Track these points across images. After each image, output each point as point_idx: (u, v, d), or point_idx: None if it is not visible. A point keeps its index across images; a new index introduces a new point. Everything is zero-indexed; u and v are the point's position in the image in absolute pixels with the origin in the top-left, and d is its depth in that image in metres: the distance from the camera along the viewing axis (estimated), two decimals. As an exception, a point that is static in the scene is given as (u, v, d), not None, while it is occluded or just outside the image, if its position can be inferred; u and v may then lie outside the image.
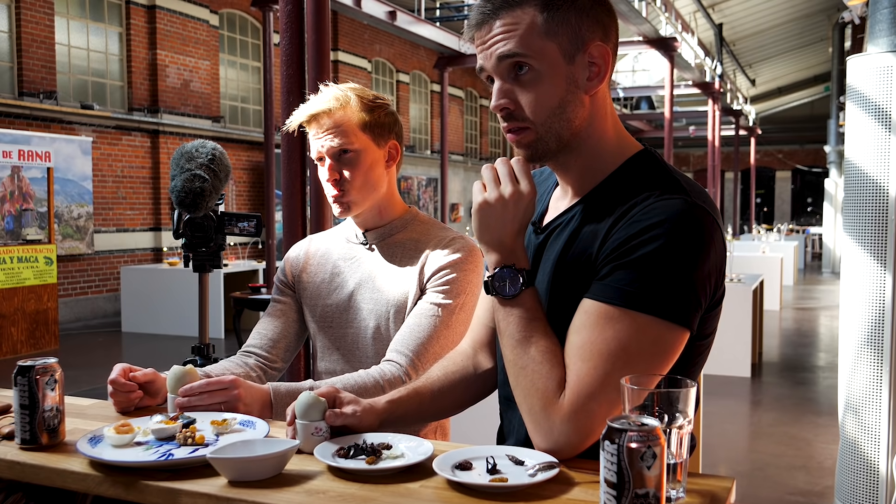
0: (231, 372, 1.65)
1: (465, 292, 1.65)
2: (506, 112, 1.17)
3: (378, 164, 1.70)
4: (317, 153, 1.70)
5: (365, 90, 1.71)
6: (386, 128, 1.71)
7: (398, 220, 1.76)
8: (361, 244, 1.78)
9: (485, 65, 1.17)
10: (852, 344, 3.07)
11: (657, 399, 0.96)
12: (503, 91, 1.16)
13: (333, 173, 1.67)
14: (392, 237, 1.75)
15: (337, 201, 1.69)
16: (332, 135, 1.65)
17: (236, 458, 1.08)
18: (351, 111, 1.66)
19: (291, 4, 3.36)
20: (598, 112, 1.19)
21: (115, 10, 10.89)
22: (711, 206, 1.13)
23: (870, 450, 2.99)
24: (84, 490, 1.13)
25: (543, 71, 1.14)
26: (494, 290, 1.16)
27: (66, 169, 9.49)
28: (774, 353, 7.81)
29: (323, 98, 1.67)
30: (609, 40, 1.17)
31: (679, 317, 1.07)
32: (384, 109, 1.71)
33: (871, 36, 3.11)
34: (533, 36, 1.13)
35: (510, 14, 1.13)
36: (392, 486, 1.04)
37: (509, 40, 1.13)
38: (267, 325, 1.80)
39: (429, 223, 1.77)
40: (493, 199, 1.15)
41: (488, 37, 1.15)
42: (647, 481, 0.83)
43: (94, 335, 9.15)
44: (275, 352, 1.77)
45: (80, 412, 1.44)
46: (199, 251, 2.34)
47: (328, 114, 1.65)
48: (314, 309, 1.79)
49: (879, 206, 2.95)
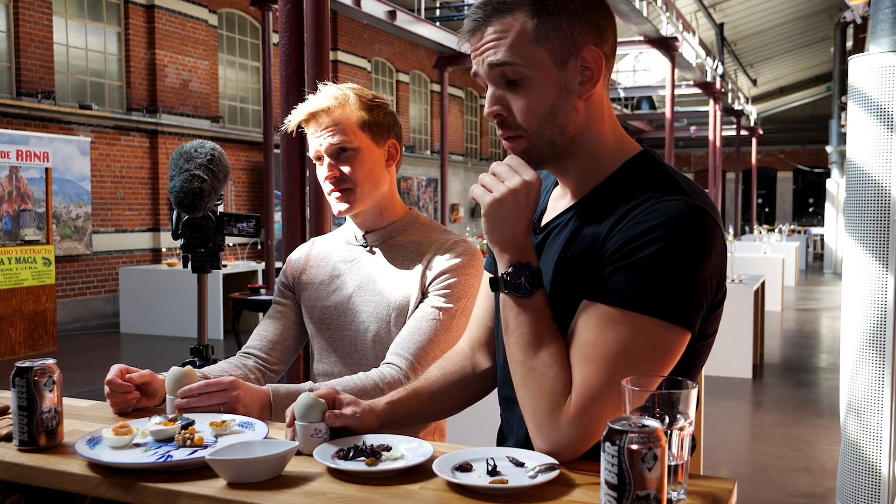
0: (229, 373, 1.65)
1: (466, 296, 1.65)
2: (499, 119, 1.18)
3: (378, 163, 1.70)
4: (315, 152, 1.69)
5: (364, 90, 1.71)
6: (385, 127, 1.70)
7: (399, 222, 1.75)
8: (362, 246, 1.77)
9: (478, 71, 1.18)
10: (854, 345, 3.06)
11: (658, 400, 0.96)
12: (495, 98, 1.17)
13: (333, 170, 1.66)
14: (393, 239, 1.74)
15: (336, 199, 1.68)
16: (331, 133, 1.65)
17: (235, 460, 1.08)
18: (350, 110, 1.66)
19: (291, 4, 3.35)
20: (595, 115, 1.19)
21: (114, 9, 10.88)
22: (712, 208, 1.13)
23: (872, 451, 2.99)
24: (82, 492, 1.13)
25: (534, 78, 1.14)
26: (509, 289, 1.13)
27: (65, 169, 9.48)
28: (776, 355, 7.80)
29: (322, 97, 1.66)
30: (604, 42, 1.16)
31: (680, 318, 1.06)
32: (383, 109, 1.71)
33: (873, 35, 3.11)
34: (523, 43, 1.13)
35: (500, 21, 1.13)
36: (392, 487, 1.04)
37: (499, 48, 1.13)
38: (267, 328, 1.80)
39: (429, 225, 1.77)
40: (503, 193, 1.12)
41: (480, 44, 1.16)
42: (648, 483, 0.83)
43: (92, 336, 9.15)
44: (274, 354, 1.77)
45: (79, 413, 1.44)
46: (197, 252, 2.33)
47: (327, 112, 1.65)
48: (312, 310, 1.79)
49: (881, 206, 2.94)
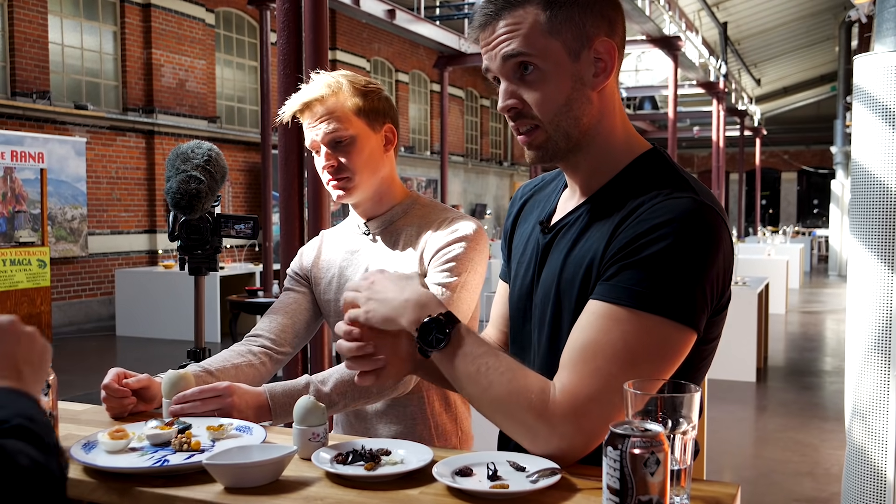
0: (232, 362, 1.61)
1: (468, 270, 1.62)
2: (514, 112, 1.17)
3: (376, 149, 1.68)
4: (312, 142, 1.67)
5: (357, 76, 1.69)
6: (380, 112, 1.69)
7: (398, 207, 1.73)
8: (364, 234, 1.76)
9: (490, 66, 1.17)
10: (859, 348, 3.04)
11: (661, 404, 0.94)
12: (509, 91, 1.16)
13: (331, 160, 1.65)
14: (393, 224, 1.73)
15: (334, 187, 1.67)
16: (327, 122, 1.63)
17: (233, 465, 1.07)
18: (344, 97, 1.64)
19: (289, 3, 3.34)
20: (607, 109, 1.18)
21: (110, 8, 10.85)
22: (718, 207, 1.12)
23: (877, 456, 2.96)
24: (77, 497, 1.12)
25: (548, 70, 1.13)
26: (429, 347, 1.11)
27: (60, 170, 9.41)
28: (780, 358, 7.79)
29: (314, 86, 1.65)
30: (615, 34, 1.16)
31: (687, 318, 1.05)
32: (377, 94, 1.69)
33: (878, 35, 3.09)
34: (536, 35, 1.12)
35: (512, 14, 1.13)
36: (391, 492, 1.03)
37: (513, 40, 1.13)
38: (277, 312, 1.77)
39: (430, 206, 1.74)
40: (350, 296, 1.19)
41: (492, 37, 1.15)
42: (651, 488, 0.82)
43: (87, 339, 9.12)
44: (283, 336, 1.73)
45: (74, 417, 1.43)
46: (194, 254, 2.33)
47: (321, 101, 1.63)
48: (327, 304, 1.77)
49: (887, 207, 2.92)
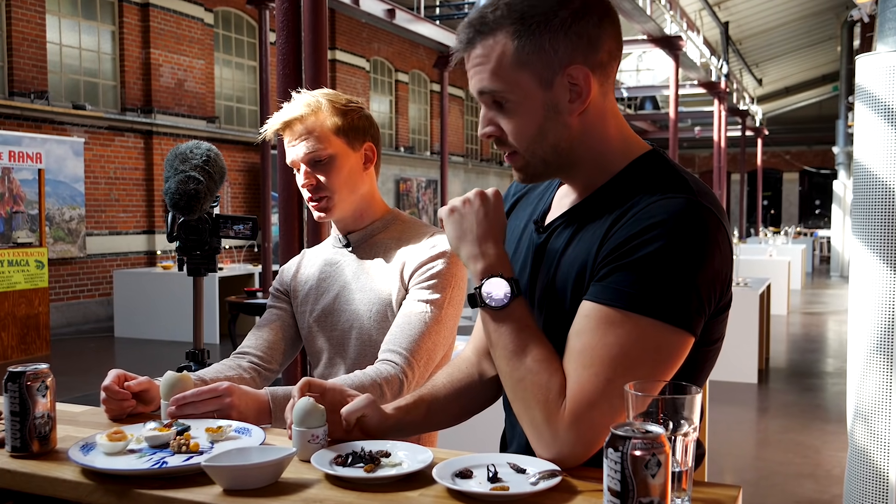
0: (225, 375, 1.64)
1: (451, 286, 1.65)
2: (493, 138, 1.19)
3: (355, 168, 1.72)
4: (291, 161, 1.71)
5: (337, 94, 1.72)
6: (360, 131, 1.72)
7: (378, 222, 1.78)
8: (344, 247, 1.80)
9: (472, 90, 1.19)
10: (861, 349, 3.03)
11: (662, 406, 0.94)
12: (487, 119, 1.18)
13: (309, 178, 1.69)
14: (373, 238, 1.77)
15: (314, 206, 1.72)
16: (306, 141, 1.67)
17: (232, 466, 1.06)
18: (323, 116, 1.67)
19: (288, 2, 3.34)
20: (594, 123, 1.17)
21: (108, 8, 10.81)
22: (717, 208, 1.11)
23: (879, 458, 2.95)
24: (76, 499, 1.11)
25: (519, 101, 1.13)
26: (482, 303, 1.13)
27: (58, 170, 9.37)
28: (782, 359, 7.78)
29: (294, 105, 1.68)
30: (597, 53, 1.13)
31: (681, 320, 1.04)
32: (357, 113, 1.72)
33: (880, 34, 3.08)
34: (505, 68, 1.12)
35: (482, 44, 1.13)
36: (390, 494, 1.03)
37: (482, 75, 1.14)
38: (262, 329, 1.81)
39: (410, 222, 1.79)
40: (459, 202, 1.19)
41: (469, 65, 1.16)
42: (652, 490, 0.81)
43: (86, 340, 9.09)
44: (270, 353, 1.77)
45: (72, 419, 1.42)
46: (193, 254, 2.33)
47: (300, 120, 1.67)
48: (303, 316, 1.81)
49: (889, 208, 2.91)
